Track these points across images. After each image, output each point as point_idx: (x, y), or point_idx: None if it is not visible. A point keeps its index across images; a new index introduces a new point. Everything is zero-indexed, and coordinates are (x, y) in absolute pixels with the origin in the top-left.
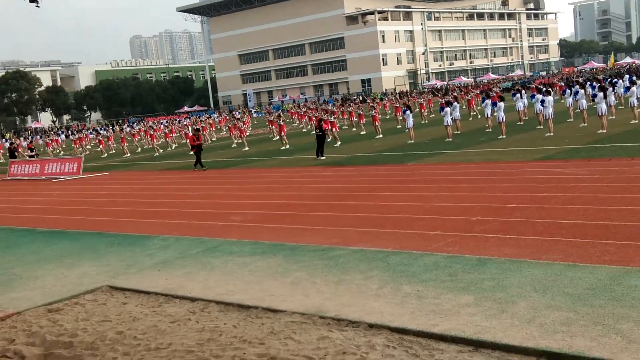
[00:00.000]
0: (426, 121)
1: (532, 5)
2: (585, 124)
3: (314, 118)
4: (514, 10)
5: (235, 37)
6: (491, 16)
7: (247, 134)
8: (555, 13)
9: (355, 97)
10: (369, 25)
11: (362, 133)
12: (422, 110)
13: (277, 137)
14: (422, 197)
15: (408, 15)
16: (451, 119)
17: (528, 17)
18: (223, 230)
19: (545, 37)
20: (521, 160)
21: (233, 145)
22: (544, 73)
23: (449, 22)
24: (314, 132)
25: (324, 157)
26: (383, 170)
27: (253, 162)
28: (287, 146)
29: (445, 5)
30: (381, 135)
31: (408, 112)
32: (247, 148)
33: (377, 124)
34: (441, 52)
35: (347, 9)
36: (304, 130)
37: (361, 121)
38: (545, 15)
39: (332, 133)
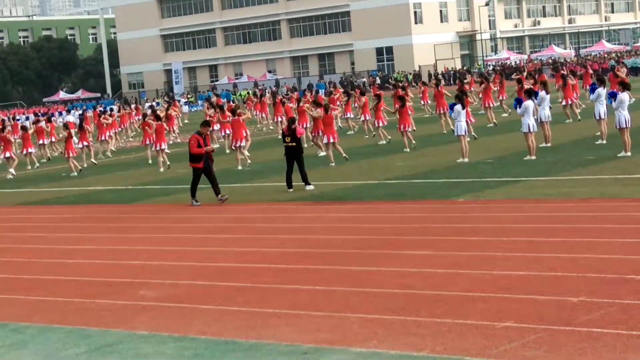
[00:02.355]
0: (493, 123)
1: None
2: None
3: (282, 117)
4: None
5: None
6: None
7: (169, 141)
8: None
9: (364, 80)
10: None
11: (380, 142)
12: (487, 105)
13: (228, 150)
14: (483, 259)
15: None
16: (534, 120)
17: None
18: (125, 314)
19: None
20: None
21: (150, 162)
22: None
23: None
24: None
25: (311, 187)
26: (413, 211)
27: (181, 192)
28: (247, 165)
29: None
30: (384, 142)
31: (459, 107)
32: (162, 168)
33: (380, 123)
34: (518, 1)
35: None
36: (269, 133)
37: (379, 123)
38: None
39: (328, 146)
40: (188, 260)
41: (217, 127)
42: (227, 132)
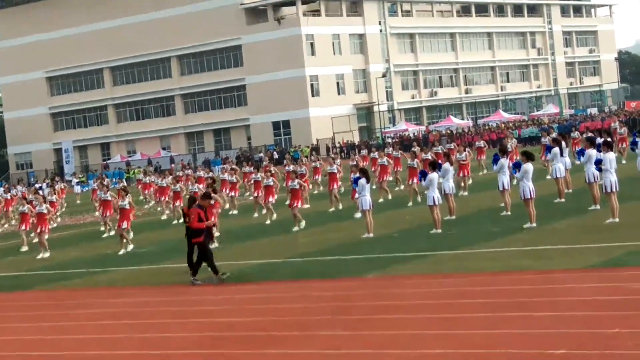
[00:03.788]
0: (388, 197)
1: None
2: None
3: (180, 197)
4: (540, 0)
5: (41, 45)
6: (501, 10)
7: (53, 224)
8: (610, 6)
9: (261, 155)
10: (286, 26)
11: (267, 222)
12: (383, 178)
13: (116, 229)
14: (396, 338)
15: (356, 8)
16: (438, 193)
17: (564, 11)
18: None
19: (594, 47)
20: (568, 270)
21: (24, 249)
22: (594, 110)
23: (427, 21)
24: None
25: (226, 275)
26: (322, 290)
27: (67, 278)
28: (128, 249)
29: None
30: (274, 217)
31: (363, 181)
32: (44, 254)
33: (270, 200)
34: (415, 73)
35: None
36: (163, 216)
37: (268, 200)
38: (592, 10)
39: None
40: (91, 349)
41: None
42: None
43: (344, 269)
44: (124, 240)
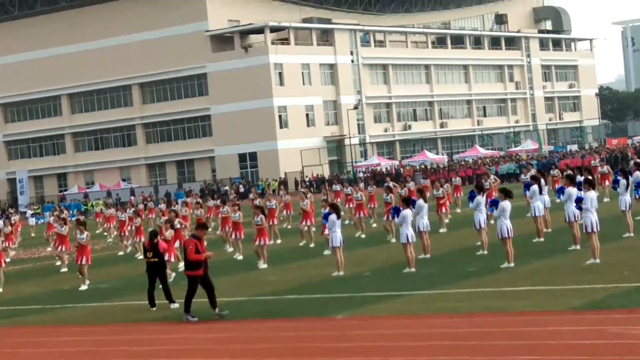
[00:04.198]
0: (363, 234)
1: (549, 25)
2: None
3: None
4: (519, 32)
5: None
6: (477, 42)
7: (7, 259)
8: (591, 40)
9: (226, 188)
10: (253, 54)
11: (238, 258)
12: (358, 215)
13: (78, 264)
14: None
15: (327, 37)
16: (412, 231)
17: (543, 44)
18: None
19: (574, 81)
20: (547, 312)
21: None
22: (574, 147)
23: (401, 51)
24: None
25: (176, 305)
26: (288, 330)
27: (25, 315)
28: (85, 284)
29: (395, 20)
30: (262, 263)
31: (333, 217)
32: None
33: (259, 243)
34: (388, 105)
35: (213, 24)
36: (126, 249)
37: (234, 236)
38: (573, 44)
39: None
40: None
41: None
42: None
43: (312, 308)
44: (84, 276)
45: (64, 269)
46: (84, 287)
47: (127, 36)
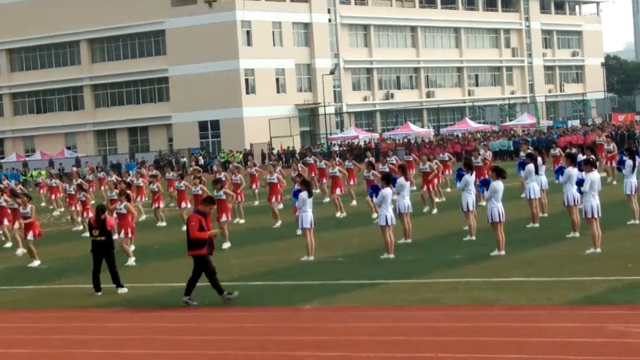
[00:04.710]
0: (341, 214)
1: None
2: None
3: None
4: None
5: None
6: (470, 2)
7: None
8: (598, 3)
9: (184, 160)
10: (218, 9)
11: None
12: (336, 193)
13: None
14: None
15: None
16: (392, 212)
17: (544, 7)
18: None
19: (577, 49)
20: (540, 306)
21: None
22: (576, 123)
23: (385, 11)
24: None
25: (124, 290)
26: (251, 320)
27: None
28: (37, 262)
29: None
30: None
31: (304, 195)
32: None
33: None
34: (368, 71)
35: None
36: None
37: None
38: (577, 7)
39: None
40: None
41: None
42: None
43: (279, 297)
44: (31, 253)
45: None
46: (35, 264)
47: None
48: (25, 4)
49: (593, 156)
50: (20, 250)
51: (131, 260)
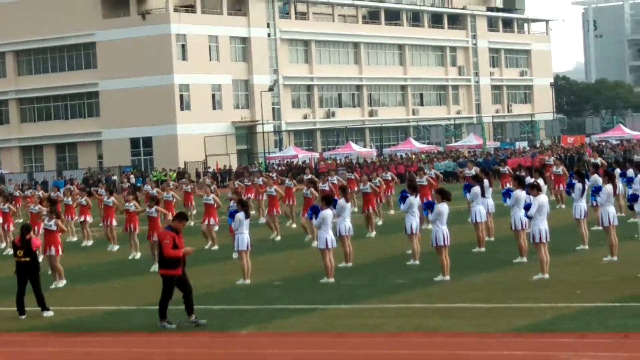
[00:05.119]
0: (275, 236)
1: (499, 3)
2: (614, 258)
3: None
4: (464, 9)
5: None
6: (416, 18)
7: None
8: (547, 21)
9: (114, 178)
10: (152, 22)
11: (113, 249)
12: (273, 215)
13: None
14: None
15: (239, 5)
16: (332, 234)
17: (492, 24)
18: None
19: (526, 69)
20: (486, 333)
21: None
22: (523, 145)
23: (326, 26)
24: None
25: (50, 313)
26: (182, 345)
27: None
28: None
29: None
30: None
31: (240, 215)
32: None
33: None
34: (309, 88)
35: None
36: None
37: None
38: (526, 25)
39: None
40: None
41: None
42: None
43: (213, 321)
44: None
45: None
46: None
47: None
48: None
49: (541, 179)
50: None
51: (62, 282)
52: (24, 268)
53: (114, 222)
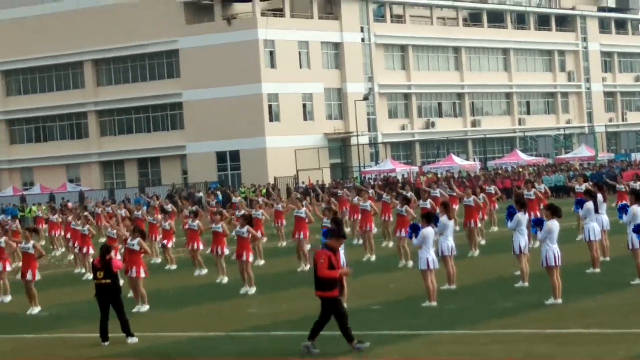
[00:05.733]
0: (370, 256)
1: (612, 2)
2: None
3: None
4: (573, 10)
5: None
6: (521, 20)
7: None
8: None
9: (200, 195)
10: (238, 27)
11: (223, 281)
12: (364, 231)
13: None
14: None
15: (331, 8)
16: (434, 254)
17: (604, 26)
18: None
19: None
20: None
21: None
22: None
23: (424, 30)
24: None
25: (134, 340)
26: None
27: None
28: (37, 308)
29: None
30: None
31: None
32: None
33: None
34: (406, 96)
35: None
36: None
37: (217, 253)
38: None
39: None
40: None
41: None
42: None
43: (298, 348)
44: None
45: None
46: (35, 311)
47: (79, 0)
48: (21, 20)
49: None
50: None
51: (144, 307)
52: (104, 291)
53: (201, 247)
